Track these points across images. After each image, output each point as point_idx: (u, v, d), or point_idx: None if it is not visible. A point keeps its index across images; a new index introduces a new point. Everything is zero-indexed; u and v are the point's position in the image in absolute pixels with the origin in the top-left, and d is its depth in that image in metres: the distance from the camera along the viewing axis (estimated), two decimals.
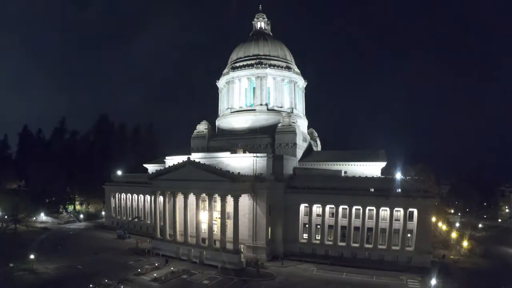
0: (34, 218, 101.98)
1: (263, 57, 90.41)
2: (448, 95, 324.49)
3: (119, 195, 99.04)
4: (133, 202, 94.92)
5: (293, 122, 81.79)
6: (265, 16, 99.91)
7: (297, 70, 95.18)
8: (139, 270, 58.18)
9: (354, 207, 65.34)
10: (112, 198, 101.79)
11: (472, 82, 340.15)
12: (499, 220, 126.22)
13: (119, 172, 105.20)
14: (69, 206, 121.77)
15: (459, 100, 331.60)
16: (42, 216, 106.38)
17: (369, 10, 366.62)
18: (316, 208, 68.46)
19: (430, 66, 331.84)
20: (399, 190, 63.88)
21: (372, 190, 65.46)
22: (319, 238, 68.16)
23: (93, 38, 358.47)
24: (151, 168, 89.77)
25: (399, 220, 63.26)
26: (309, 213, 68.44)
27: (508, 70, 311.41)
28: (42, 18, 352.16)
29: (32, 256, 58.67)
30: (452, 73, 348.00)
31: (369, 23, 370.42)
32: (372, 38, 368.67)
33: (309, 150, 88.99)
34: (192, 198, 66.82)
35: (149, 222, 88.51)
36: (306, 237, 68.92)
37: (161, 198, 72.49)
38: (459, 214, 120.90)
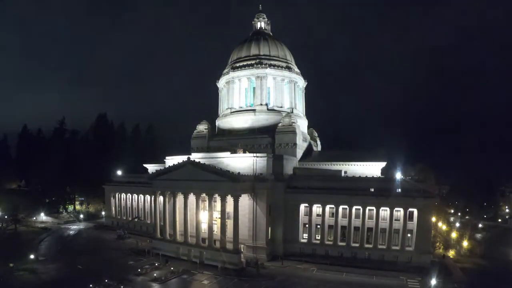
0: (34, 218, 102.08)
1: (263, 57, 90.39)
2: (448, 94, 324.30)
3: (119, 195, 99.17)
4: (133, 202, 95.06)
5: (293, 122, 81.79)
6: (265, 16, 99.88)
7: (297, 70, 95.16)
8: (139, 270, 58.09)
9: (354, 207, 65.36)
10: (112, 198, 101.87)
11: (470, 81, 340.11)
12: (499, 220, 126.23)
13: (119, 172, 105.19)
14: (69, 206, 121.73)
15: (459, 99, 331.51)
16: (42, 216, 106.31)
17: (369, 8, 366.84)
18: (316, 208, 68.46)
19: (430, 65, 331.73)
20: (399, 190, 63.87)
21: (372, 190, 65.39)
22: (319, 238, 68.16)
23: (93, 38, 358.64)
24: (151, 168, 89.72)
25: (399, 220, 63.31)
26: (309, 213, 68.42)
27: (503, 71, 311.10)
28: (41, 17, 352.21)
29: (32, 256, 58.74)
30: (452, 72, 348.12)
31: (368, 23, 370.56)
32: (372, 37, 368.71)
33: (309, 150, 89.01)
34: (192, 198, 66.82)
35: (149, 222, 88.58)
36: (306, 237, 68.93)
37: (161, 198, 72.47)
38: (459, 214, 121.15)
